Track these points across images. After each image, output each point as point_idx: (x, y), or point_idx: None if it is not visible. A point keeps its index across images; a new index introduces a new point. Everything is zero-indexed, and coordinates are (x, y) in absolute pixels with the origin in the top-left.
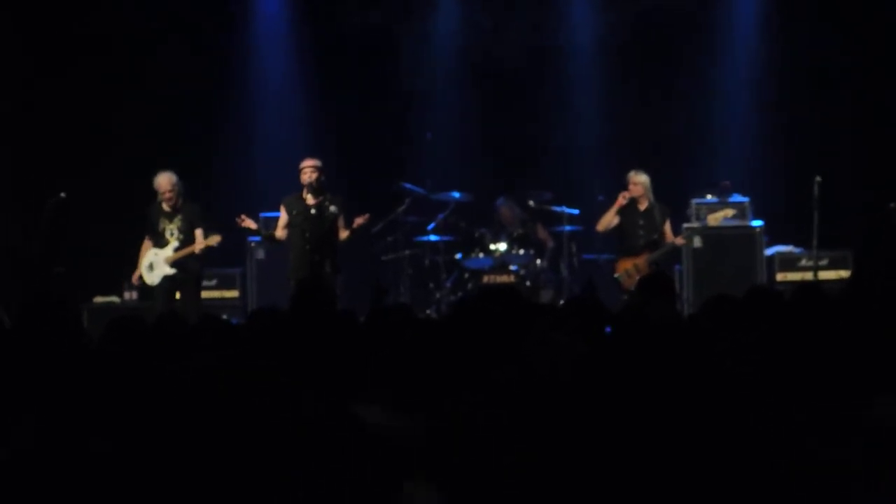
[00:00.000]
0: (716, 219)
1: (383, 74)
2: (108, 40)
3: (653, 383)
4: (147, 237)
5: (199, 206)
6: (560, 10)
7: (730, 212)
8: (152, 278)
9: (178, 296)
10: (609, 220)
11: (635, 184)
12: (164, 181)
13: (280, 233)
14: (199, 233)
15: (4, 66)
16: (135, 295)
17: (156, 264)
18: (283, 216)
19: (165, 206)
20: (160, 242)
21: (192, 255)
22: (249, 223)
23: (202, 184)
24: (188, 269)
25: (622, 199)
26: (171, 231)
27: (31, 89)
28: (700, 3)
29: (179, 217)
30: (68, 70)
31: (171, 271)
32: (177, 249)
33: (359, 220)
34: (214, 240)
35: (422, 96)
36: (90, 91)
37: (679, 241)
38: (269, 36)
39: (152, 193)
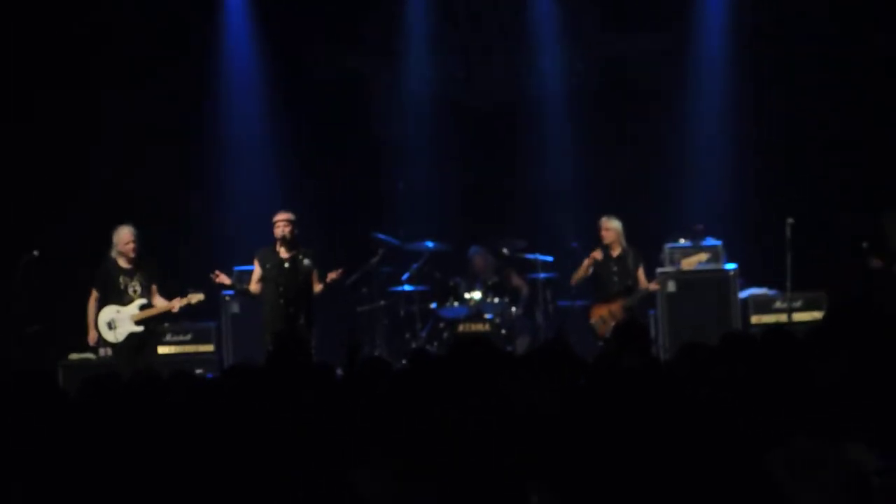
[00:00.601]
0: (690, 263)
1: (355, 122)
2: (74, 87)
3: (626, 431)
4: (95, 293)
5: (155, 261)
6: (531, 57)
7: (704, 256)
8: (115, 336)
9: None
10: (581, 275)
11: (607, 230)
12: (126, 234)
13: (254, 287)
14: (154, 289)
15: None
16: (109, 352)
17: (118, 321)
18: (257, 270)
19: (123, 262)
20: (122, 300)
21: (161, 313)
22: (224, 279)
23: (173, 236)
24: (155, 328)
25: (595, 256)
26: (134, 288)
27: None
28: (669, 46)
29: (140, 273)
30: (34, 117)
31: (137, 329)
32: (143, 307)
33: (332, 276)
34: (196, 298)
35: (394, 144)
36: (57, 142)
37: (653, 286)
38: (240, 84)
39: (104, 249)
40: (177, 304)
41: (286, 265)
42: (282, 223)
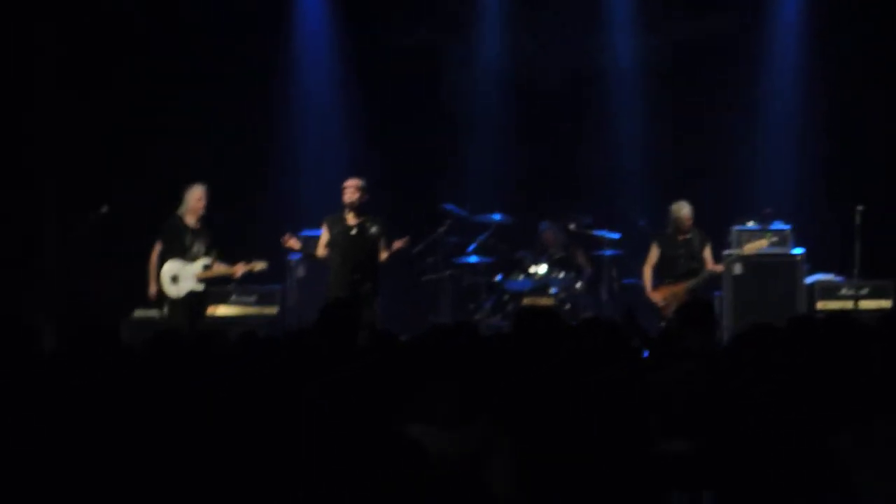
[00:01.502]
0: (752, 248)
1: (426, 94)
2: (152, 55)
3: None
4: (160, 245)
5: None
6: (603, 34)
7: (765, 242)
8: (176, 290)
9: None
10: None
11: (678, 218)
12: (199, 192)
13: (321, 251)
14: (215, 253)
15: (49, 75)
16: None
17: (182, 277)
18: (325, 235)
19: (190, 220)
20: (186, 256)
21: (222, 276)
22: (293, 243)
23: (245, 201)
24: (211, 290)
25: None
26: (198, 248)
27: (72, 102)
28: (742, 28)
29: (205, 235)
30: (111, 82)
31: (198, 287)
32: (206, 267)
33: (397, 244)
34: (259, 266)
35: (464, 116)
36: (132, 104)
37: (718, 268)
38: (313, 54)
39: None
40: (240, 269)
41: (353, 231)
42: (351, 189)
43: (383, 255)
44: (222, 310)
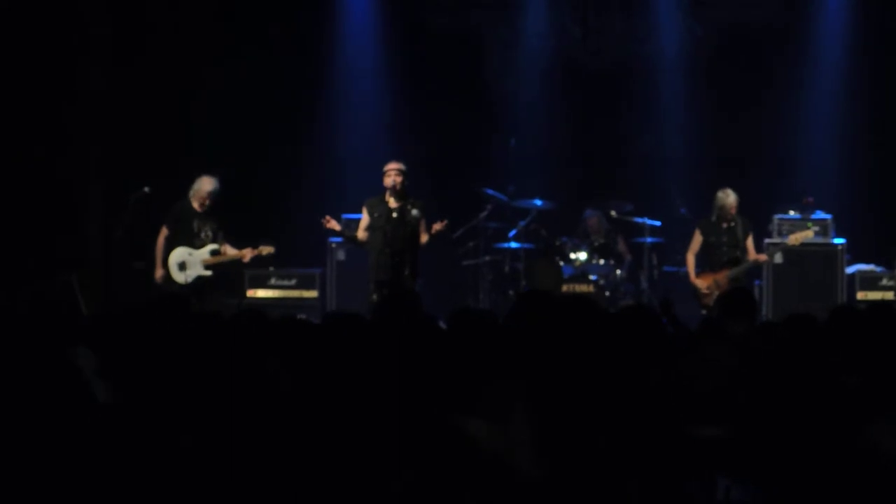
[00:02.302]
0: (796, 239)
1: (470, 77)
2: (195, 39)
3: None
4: (166, 230)
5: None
6: (650, 19)
7: (810, 233)
8: (184, 277)
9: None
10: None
11: (723, 205)
12: (207, 185)
13: (361, 234)
14: (223, 237)
15: (88, 58)
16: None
17: (189, 263)
18: (365, 218)
19: (197, 207)
20: (194, 242)
21: (231, 261)
22: (333, 224)
23: (287, 183)
24: (221, 275)
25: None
26: (206, 232)
27: (115, 84)
28: (789, 17)
29: (213, 220)
30: (154, 66)
31: (206, 273)
32: (214, 252)
33: (436, 227)
34: (267, 250)
35: (507, 101)
36: (175, 88)
37: (761, 258)
38: (357, 38)
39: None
40: (248, 253)
41: (394, 215)
42: (393, 172)
43: (424, 238)
44: (262, 293)
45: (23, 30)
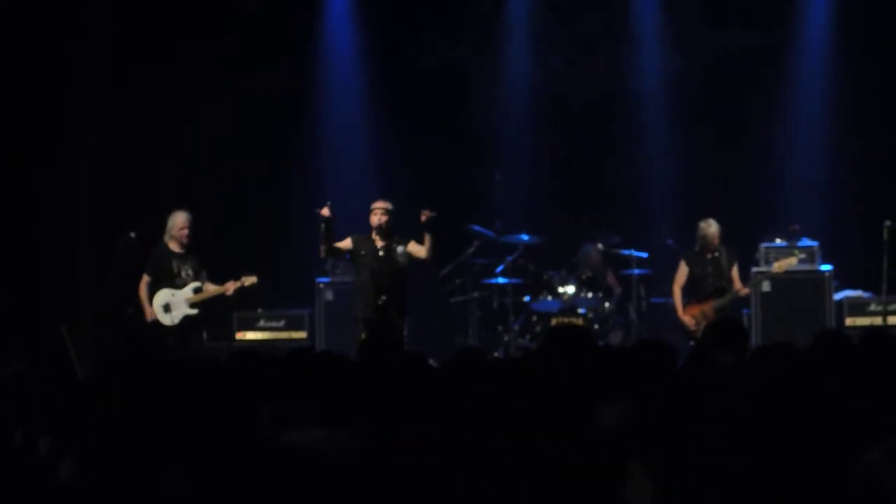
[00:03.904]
0: (781, 266)
1: (454, 113)
2: (177, 78)
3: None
4: (147, 277)
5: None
6: (631, 52)
7: (794, 260)
8: (171, 319)
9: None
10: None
11: (704, 237)
12: (182, 220)
13: (337, 244)
14: (205, 274)
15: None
16: (204, 335)
17: (174, 305)
18: (346, 244)
19: (175, 247)
20: (175, 283)
21: (214, 296)
22: (325, 211)
23: (272, 221)
24: (207, 312)
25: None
26: (186, 271)
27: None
28: (772, 47)
29: (192, 258)
30: (135, 105)
31: (192, 312)
32: (197, 290)
33: (425, 214)
34: (249, 281)
35: (492, 136)
36: (156, 127)
37: (744, 291)
38: (341, 74)
39: (160, 233)
40: (231, 286)
41: (381, 253)
42: (379, 211)
43: (423, 251)
44: (251, 335)
45: (10, 73)
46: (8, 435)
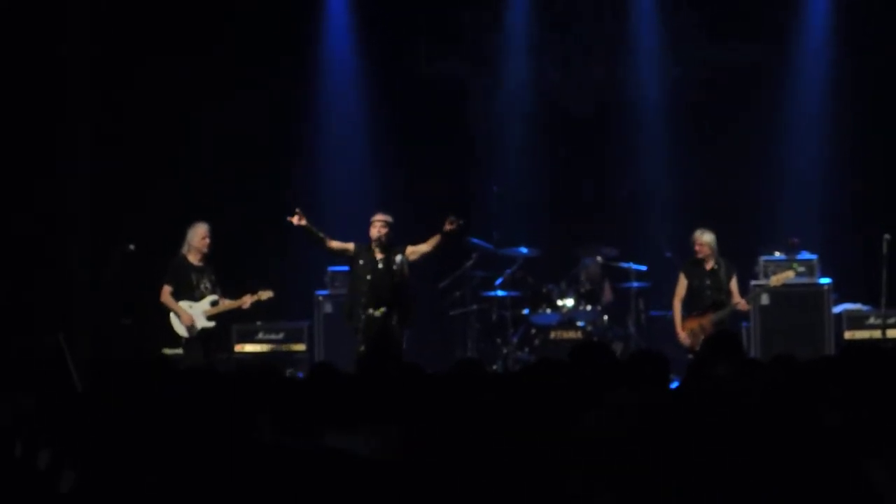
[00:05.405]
0: (778, 280)
1: (451, 124)
2: (178, 88)
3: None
4: (168, 287)
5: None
6: (629, 64)
7: (791, 273)
8: (188, 331)
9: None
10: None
11: (701, 245)
12: (202, 231)
13: (332, 242)
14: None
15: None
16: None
17: (192, 317)
18: (348, 246)
19: (194, 259)
20: (194, 295)
21: (231, 309)
22: (296, 219)
23: (269, 233)
24: (222, 325)
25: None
26: (205, 284)
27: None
28: (771, 58)
29: (210, 270)
30: (124, 117)
31: (209, 324)
32: (214, 303)
33: (448, 227)
34: (266, 295)
35: (490, 148)
36: (152, 139)
37: (742, 305)
38: (339, 85)
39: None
40: (247, 300)
41: (380, 266)
42: (378, 223)
43: (428, 247)
44: (250, 347)
45: (4, 89)
46: (8, 447)
